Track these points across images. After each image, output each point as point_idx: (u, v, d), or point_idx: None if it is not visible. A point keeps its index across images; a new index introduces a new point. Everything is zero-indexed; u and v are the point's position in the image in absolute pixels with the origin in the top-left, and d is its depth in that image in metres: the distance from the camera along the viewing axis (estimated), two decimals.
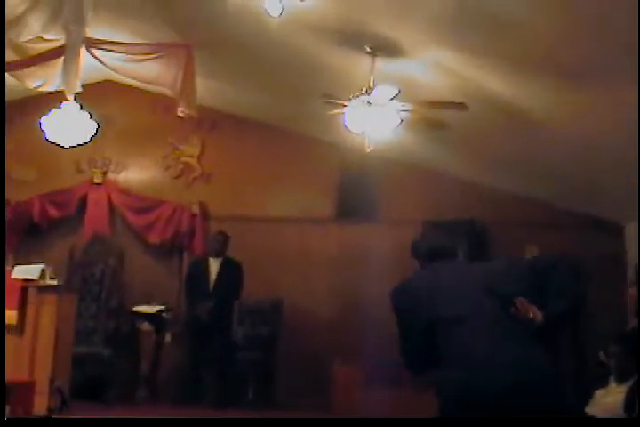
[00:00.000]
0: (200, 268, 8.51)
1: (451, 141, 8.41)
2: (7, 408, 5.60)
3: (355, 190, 9.41)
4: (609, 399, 5.06)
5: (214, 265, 8.42)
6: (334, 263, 9.11)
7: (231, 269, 8.36)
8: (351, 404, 6.40)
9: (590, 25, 5.38)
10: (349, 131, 7.25)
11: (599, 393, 5.23)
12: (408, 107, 6.96)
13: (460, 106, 6.70)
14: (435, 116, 7.13)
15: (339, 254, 9.12)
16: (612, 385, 5.12)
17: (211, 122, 9.60)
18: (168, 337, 8.70)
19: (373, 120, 6.92)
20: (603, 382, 5.27)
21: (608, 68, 5.85)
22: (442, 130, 7.46)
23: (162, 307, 8.66)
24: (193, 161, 9.66)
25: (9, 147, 9.52)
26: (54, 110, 7.83)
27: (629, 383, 4.75)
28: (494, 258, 4.03)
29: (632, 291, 5.60)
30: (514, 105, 7.11)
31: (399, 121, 7.03)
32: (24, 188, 9.52)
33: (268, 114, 9.34)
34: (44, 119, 8.32)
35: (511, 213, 9.32)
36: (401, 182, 9.42)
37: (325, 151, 9.36)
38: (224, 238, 8.61)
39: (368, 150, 7.34)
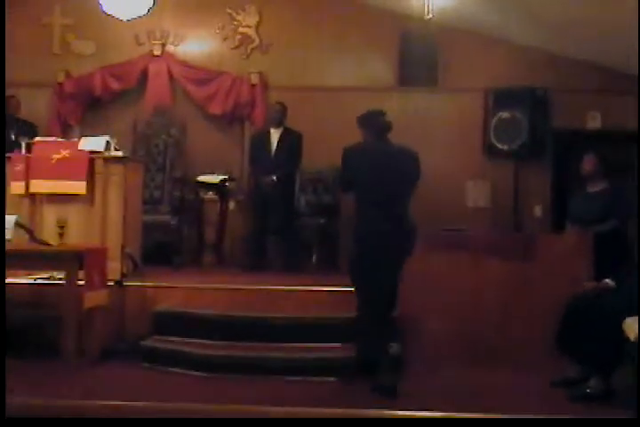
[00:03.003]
0: (261, 138, 8.62)
1: (511, 7, 8.21)
2: (81, 274, 5.85)
3: (415, 58, 9.29)
4: None
5: (275, 135, 8.52)
6: (394, 132, 9.09)
7: (291, 139, 8.46)
8: (410, 269, 6.52)
9: None
10: None
11: None
12: None
13: None
14: None
15: (399, 123, 9.06)
16: None
17: None
18: (232, 205, 8.91)
19: None
20: None
21: None
22: None
23: (225, 177, 8.82)
24: (251, 31, 9.59)
25: (68, 21, 9.59)
26: None
27: None
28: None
29: None
30: None
31: None
32: (84, 61, 9.61)
33: None
34: None
35: (573, 79, 9.16)
36: (461, 50, 9.28)
37: (386, 19, 9.21)
38: (282, 108, 8.67)
39: (428, 17, 7.22)
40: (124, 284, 6.50)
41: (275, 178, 8.26)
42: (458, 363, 5.99)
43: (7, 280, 6.39)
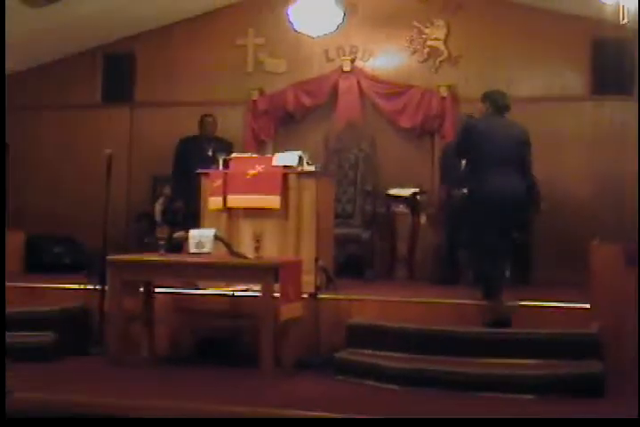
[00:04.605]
0: (451, 151, 8.56)
1: None
2: (276, 287, 5.98)
3: (609, 66, 8.99)
4: None
5: None
6: (590, 142, 8.88)
7: None
8: (609, 282, 6.33)
9: None
10: (602, 2, 6.93)
11: None
12: None
13: None
14: None
15: (594, 133, 8.86)
16: None
17: (456, 3, 9.45)
18: (423, 219, 8.90)
19: None
20: None
21: None
22: None
23: (416, 190, 8.84)
24: (439, 44, 9.57)
25: (260, 41, 9.91)
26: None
27: None
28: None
29: None
30: None
31: None
32: (276, 79, 9.90)
33: None
34: (290, 10, 8.56)
35: None
36: None
37: (577, 26, 8.97)
38: None
39: (623, 22, 7.00)
40: (318, 296, 6.61)
41: (465, 191, 8.18)
42: None
43: (209, 291, 6.73)
